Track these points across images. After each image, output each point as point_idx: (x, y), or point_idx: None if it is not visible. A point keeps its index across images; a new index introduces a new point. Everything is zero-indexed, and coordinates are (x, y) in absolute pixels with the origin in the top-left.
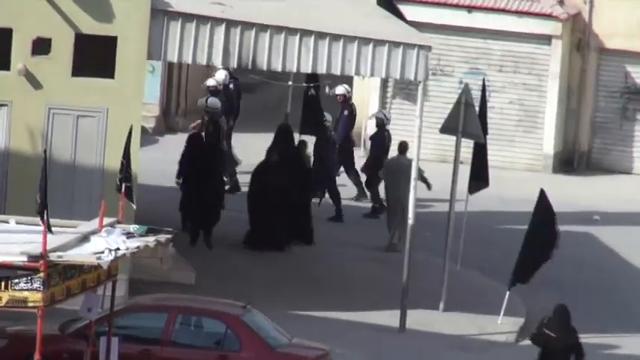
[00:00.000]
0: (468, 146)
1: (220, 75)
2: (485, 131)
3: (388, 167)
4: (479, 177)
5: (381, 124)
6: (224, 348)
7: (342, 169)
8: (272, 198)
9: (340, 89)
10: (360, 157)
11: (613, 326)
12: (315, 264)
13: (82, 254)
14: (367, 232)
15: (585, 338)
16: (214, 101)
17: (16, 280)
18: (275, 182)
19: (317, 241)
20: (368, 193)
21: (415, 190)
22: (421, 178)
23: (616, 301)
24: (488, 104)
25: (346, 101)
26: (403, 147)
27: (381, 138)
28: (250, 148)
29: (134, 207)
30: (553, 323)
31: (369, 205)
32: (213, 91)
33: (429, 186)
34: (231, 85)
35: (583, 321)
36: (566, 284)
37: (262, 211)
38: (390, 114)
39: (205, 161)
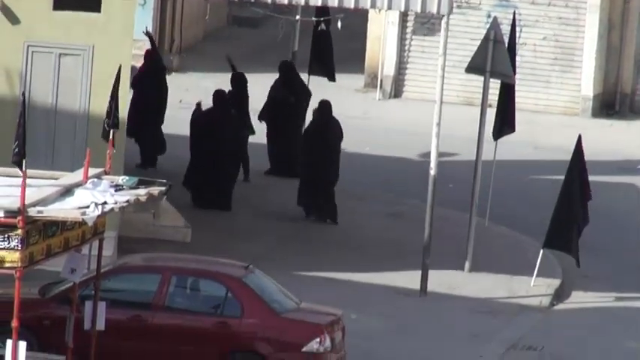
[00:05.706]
0: (497, 88)
1: None
2: (513, 70)
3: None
4: (505, 121)
5: None
6: (224, 313)
7: None
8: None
9: None
10: None
11: None
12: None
13: (64, 209)
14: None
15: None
16: None
17: None
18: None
19: None
20: None
21: (438, 139)
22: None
23: None
24: (520, 40)
25: None
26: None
27: None
28: (250, 89)
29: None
30: None
31: None
32: None
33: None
34: None
35: (622, 285)
36: (604, 241)
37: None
38: None
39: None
